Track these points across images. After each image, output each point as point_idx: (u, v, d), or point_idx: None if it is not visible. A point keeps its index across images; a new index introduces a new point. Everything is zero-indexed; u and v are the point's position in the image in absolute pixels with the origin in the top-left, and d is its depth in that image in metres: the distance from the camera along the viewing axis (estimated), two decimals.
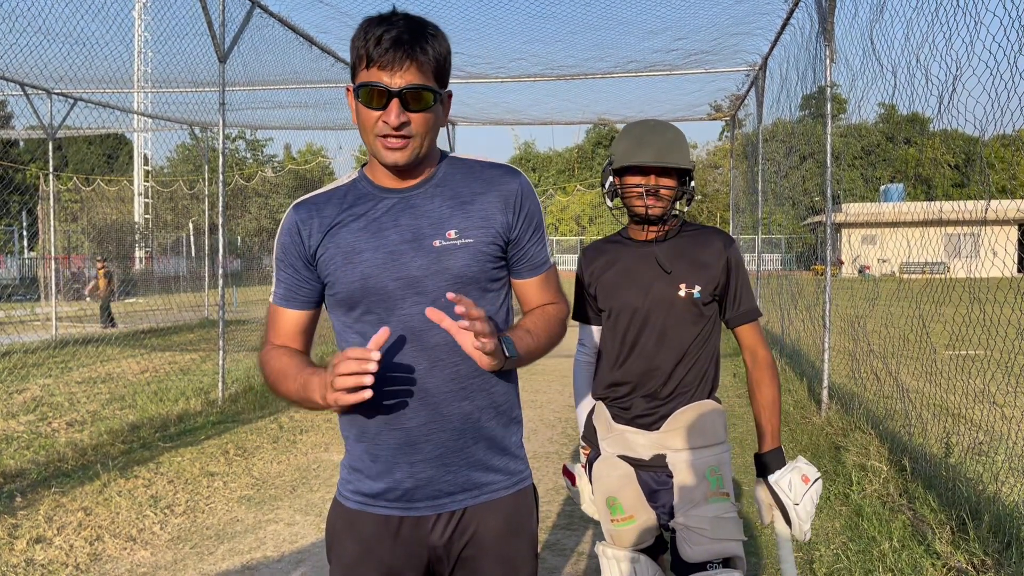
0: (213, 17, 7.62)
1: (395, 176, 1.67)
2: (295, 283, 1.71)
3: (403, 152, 1.59)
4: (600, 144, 59.54)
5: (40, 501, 4.93)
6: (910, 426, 5.67)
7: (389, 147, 1.59)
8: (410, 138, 1.59)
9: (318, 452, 6.26)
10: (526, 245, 1.74)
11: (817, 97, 8.37)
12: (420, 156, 1.63)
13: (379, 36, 1.53)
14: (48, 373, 10.06)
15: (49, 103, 13.27)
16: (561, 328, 1.79)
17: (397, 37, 1.53)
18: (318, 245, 1.67)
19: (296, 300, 1.72)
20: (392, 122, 1.55)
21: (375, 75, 1.55)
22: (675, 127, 2.32)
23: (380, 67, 1.54)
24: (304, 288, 1.71)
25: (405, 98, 1.55)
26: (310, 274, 1.69)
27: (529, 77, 12.23)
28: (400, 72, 1.54)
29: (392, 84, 1.54)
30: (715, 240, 2.33)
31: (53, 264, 14.70)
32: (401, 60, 1.53)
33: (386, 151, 1.59)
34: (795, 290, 10.65)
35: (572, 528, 4.49)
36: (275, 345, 1.73)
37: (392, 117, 1.55)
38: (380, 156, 1.61)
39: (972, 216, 5.17)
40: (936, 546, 3.91)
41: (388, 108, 1.55)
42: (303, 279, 1.70)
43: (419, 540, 1.68)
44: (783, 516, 2.21)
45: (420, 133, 1.60)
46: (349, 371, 1.41)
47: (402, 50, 1.53)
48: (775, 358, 2.41)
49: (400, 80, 1.54)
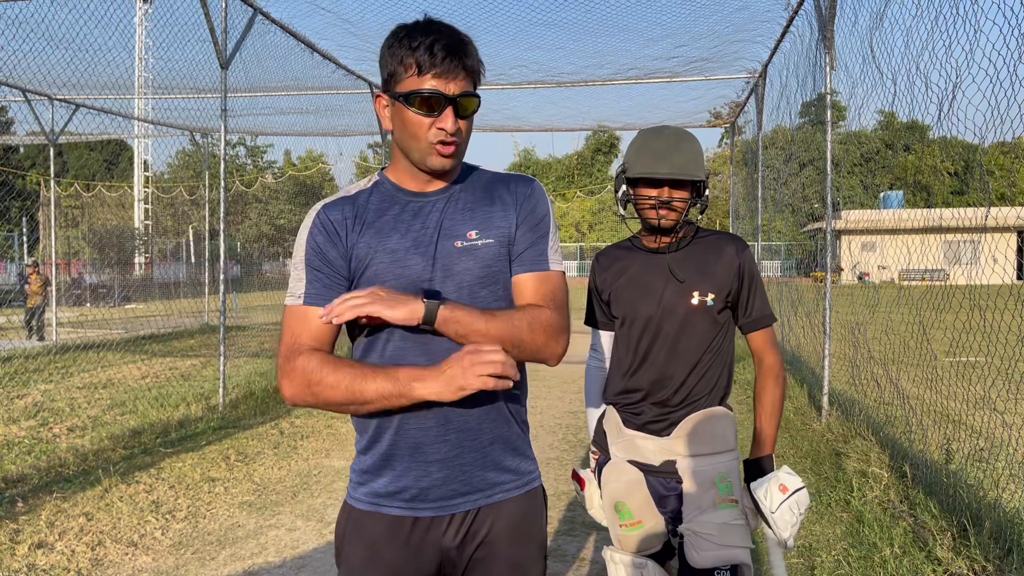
0: (215, 24, 7.65)
1: (420, 180, 1.71)
2: (332, 281, 1.67)
3: (452, 158, 1.64)
4: (600, 151, 59.56)
5: (41, 506, 4.93)
6: (911, 432, 5.68)
7: (443, 153, 1.63)
8: (459, 144, 1.64)
9: (319, 458, 6.26)
10: (520, 238, 1.73)
11: (817, 104, 8.40)
12: (460, 161, 1.70)
13: (430, 45, 1.57)
14: (49, 378, 10.06)
15: (51, 109, 13.30)
16: (540, 333, 1.63)
17: (449, 45, 1.57)
18: (351, 245, 1.68)
19: (332, 300, 1.64)
20: (450, 128, 1.59)
21: (430, 82, 1.58)
22: (690, 135, 2.30)
23: (435, 75, 1.57)
24: (340, 287, 1.67)
25: (458, 105, 1.60)
26: (346, 273, 1.68)
27: (529, 84, 12.26)
28: (455, 80, 1.59)
29: (448, 91, 1.58)
30: (728, 246, 2.33)
31: (54, 269, 14.70)
32: (456, 69, 1.58)
33: (439, 157, 1.63)
34: (795, 297, 10.67)
35: (573, 534, 4.50)
36: (311, 350, 1.63)
37: (449, 124, 1.59)
38: (430, 162, 1.64)
39: (972, 223, 5.19)
40: (937, 552, 3.92)
41: (444, 115, 1.59)
42: (340, 277, 1.68)
43: (431, 542, 1.68)
44: (766, 523, 2.22)
45: (466, 139, 1.67)
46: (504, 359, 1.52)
47: (456, 59, 1.58)
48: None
49: (455, 87, 1.59)
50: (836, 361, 7.56)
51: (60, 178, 18.12)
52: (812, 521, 4.61)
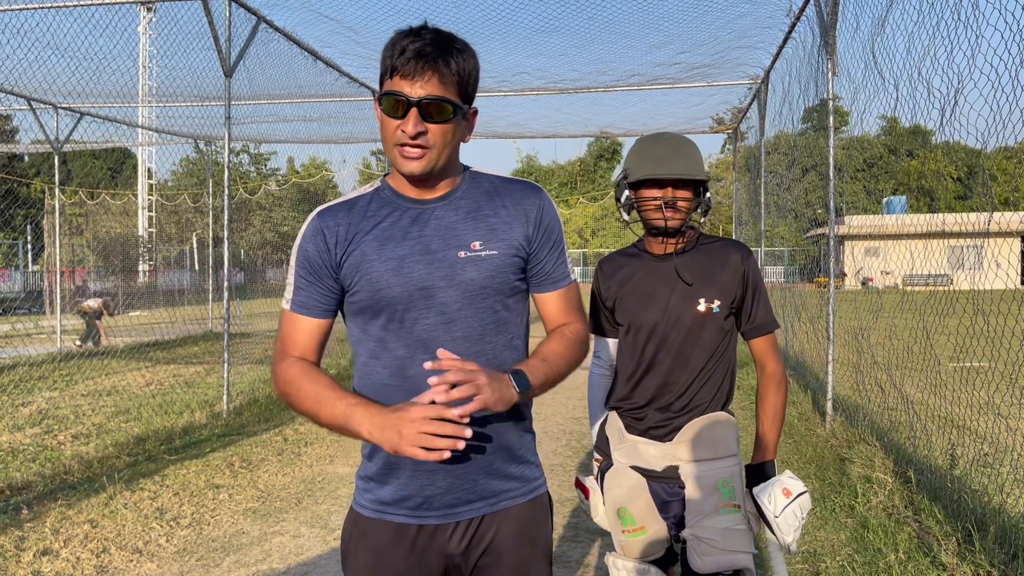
0: (219, 32, 7.69)
1: (417, 187, 1.70)
2: (317, 291, 1.70)
3: (419, 162, 1.61)
4: (602, 157, 59.61)
5: (46, 513, 4.94)
6: (915, 438, 5.67)
7: (406, 156, 1.61)
8: (427, 148, 1.61)
9: (323, 465, 6.27)
10: (545, 259, 1.76)
11: (819, 110, 8.40)
12: (437, 168, 1.65)
13: (404, 47, 1.56)
14: (53, 386, 10.08)
15: (56, 117, 13.36)
16: (580, 350, 1.80)
17: (421, 49, 1.56)
18: (343, 253, 1.68)
19: (317, 308, 1.71)
20: (409, 131, 1.57)
21: (396, 84, 1.58)
22: (688, 140, 2.33)
23: (402, 76, 1.57)
24: (326, 297, 1.70)
25: (424, 108, 1.57)
26: (333, 283, 1.69)
27: (532, 91, 12.29)
28: (421, 82, 1.56)
29: (412, 94, 1.56)
30: (733, 253, 2.33)
31: (58, 277, 14.73)
32: (422, 71, 1.56)
33: (402, 159, 1.62)
34: (798, 302, 10.66)
35: (577, 540, 4.49)
36: (295, 358, 1.71)
37: (409, 126, 1.57)
38: (397, 165, 1.64)
39: (975, 228, 5.19)
40: (942, 558, 3.91)
41: (407, 117, 1.58)
42: (326, 288, 1.70)
43: (436, 549, 1.69)
44: (769, 528, 2.23)
45: (437, 145, 1.61)
46: (442, 432, 1.45)
47: (424, 61, 1.56)
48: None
49: (420, 90, 1.57)
50: (840, 366, 7.55)
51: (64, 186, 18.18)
52: (816, 527, 4.60)
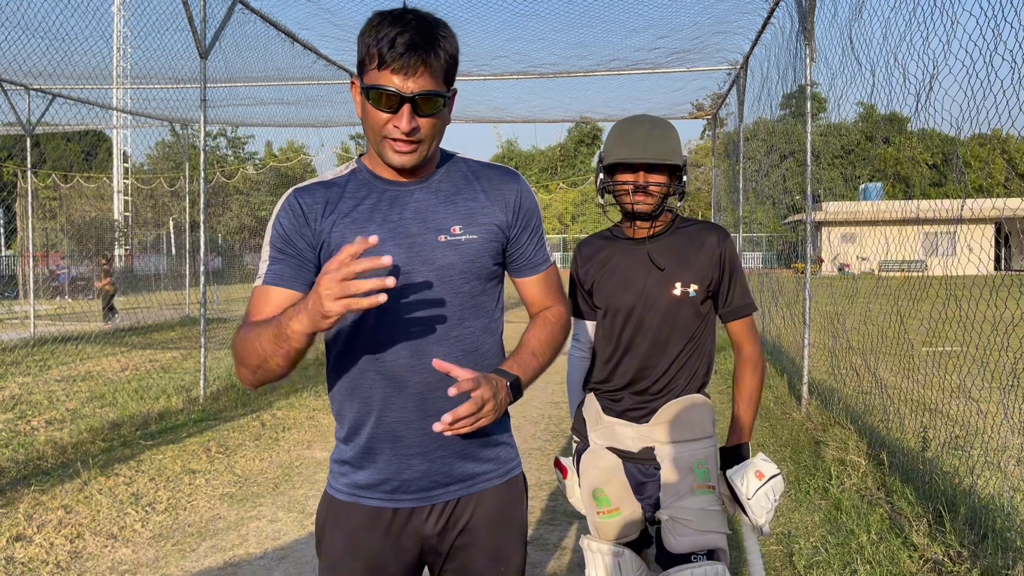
0: (194, 13, 7.57)
1: (396, 170, 1.67)
2: (294, 262, 1.64)
3: (412, 156, 1.59)
4: (582, 142, 59.58)
5: (20, 499, 4.89)
6: (888, 421, 5.74)
7: (398, 150, 1.58)
8: (420, 142, 1.59)
9: (300, 449, 6.25)
10: (524, 245, 1.76)
11: (797, 96, 8.43)
12: (427, 158, 1.64)
13: (393, 38, 1.50)
14: (27, 371, 9.96)
15: (27, 99, 13.12)
16: (564, 333, 1.83)
17: (411, 41, 1.50)
18: (321, 229, 1.64)
19: (292, 279, 1.63)
20: (404, 127, 1.54)
21: (387, 78, 1.52)
22: (666, 122, 2.31)
23: (393, 70, 1.51)
24: (302, 268, 1.64)
25: (417, 104, 1.54)
26: (311, 254, 1.65)
27: (511, 75, 12.22)
28: (414, 77, 1.52)
29: (405, 89, 1.52)
30: (710, 236, 2.33)
31: (31, 262, 14.52)
32: (415, 65, 1.51)
33: (393, 153, 1.59)
34: (776, 288, 10.74)
35: (555, 523, 4.52)
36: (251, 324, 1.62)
37: (404, 123, 1.54)
38: (387, 158, 1.60)
39: (949, 214, 5.24)
40: (913, 538, 3.97)
41: (400, 113, 1.54)
42: (303, 259, 1.64)
43: (411, 532, 1.69)
44: (742, 509, 2.25)
45: (429, 136, 1.60)
46: (363, 268, 1.34)
47: (416, 55, 1.50)
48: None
49: (413, 85, 1.52)
50: (816, 351, 7.62)
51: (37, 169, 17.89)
52: (791, 509, 4.66)
